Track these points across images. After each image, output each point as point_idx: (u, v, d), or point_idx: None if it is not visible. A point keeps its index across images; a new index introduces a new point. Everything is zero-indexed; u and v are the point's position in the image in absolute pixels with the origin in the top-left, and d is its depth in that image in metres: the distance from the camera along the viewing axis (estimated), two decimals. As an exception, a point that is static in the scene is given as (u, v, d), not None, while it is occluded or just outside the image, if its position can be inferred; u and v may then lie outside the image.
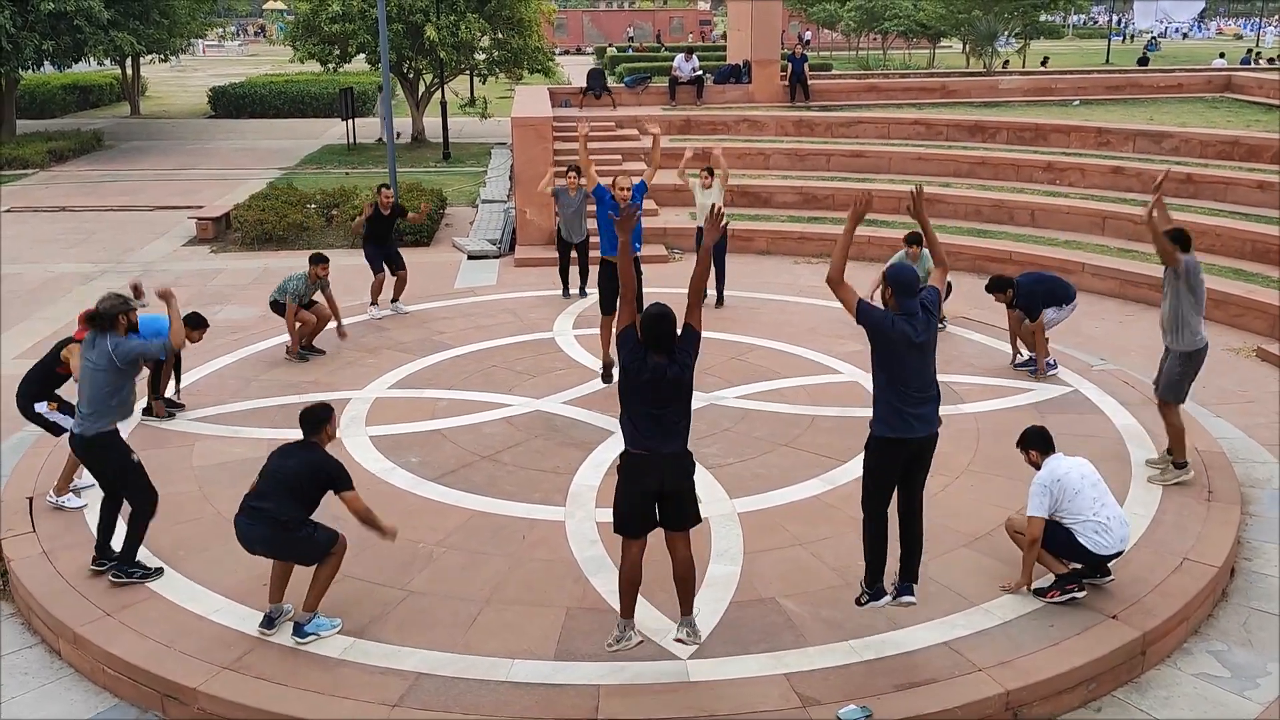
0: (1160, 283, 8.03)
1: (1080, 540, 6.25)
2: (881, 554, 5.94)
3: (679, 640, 5.66)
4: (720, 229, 5.88)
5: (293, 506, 5.94)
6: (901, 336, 5.67)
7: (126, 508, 6.73)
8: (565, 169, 12.83)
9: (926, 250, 11.06)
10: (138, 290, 8.13)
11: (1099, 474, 6.50)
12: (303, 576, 6.15)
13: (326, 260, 10.84)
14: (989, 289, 10.41)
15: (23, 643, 6.57)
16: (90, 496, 8.00)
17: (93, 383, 6.52)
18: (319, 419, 6.18)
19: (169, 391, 9.40)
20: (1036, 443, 6.55)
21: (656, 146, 10.05)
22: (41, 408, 8.14)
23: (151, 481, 6.74)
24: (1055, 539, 6.32)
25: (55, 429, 8.19)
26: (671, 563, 5.71)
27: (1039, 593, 6.39)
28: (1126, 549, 6.49)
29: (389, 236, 12.40)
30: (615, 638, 5.69)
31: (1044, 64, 40.30)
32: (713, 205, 6.02)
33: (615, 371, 9.27)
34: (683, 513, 5.63)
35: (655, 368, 5.46)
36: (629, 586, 5.68)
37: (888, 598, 5.94)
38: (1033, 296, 9.98)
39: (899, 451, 5.79)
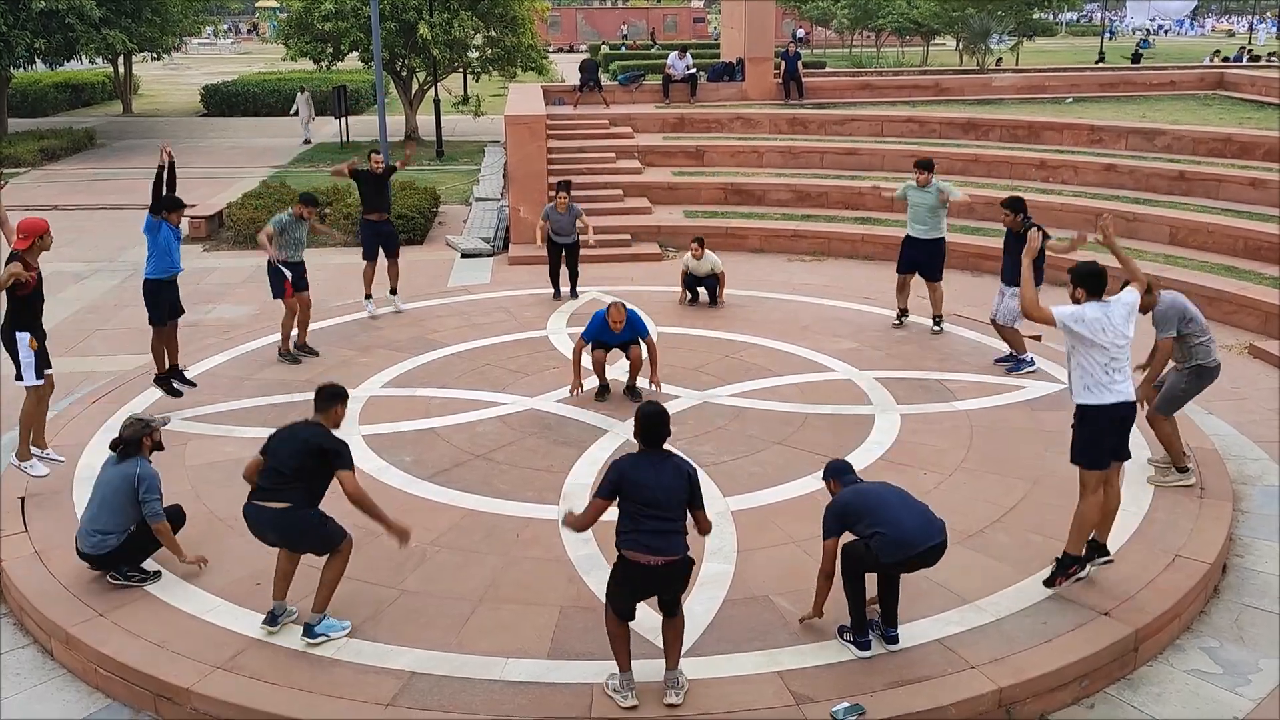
0: (1158, 279, 8.01)
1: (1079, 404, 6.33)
2: (862, 604, 5.90)
3: (671, 706, 5.48)
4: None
5: (300, 490, 5.93)
6: (862, 495, 5.98)
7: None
8: (556, 189, 12.78)
9: (936, 180, 11.12)
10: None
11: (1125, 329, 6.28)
12: (304, 579, 6.14)
13: (315, 203, 10.95)
14: (1004, 203, 10.20)
15: (15, 643, 6.55)
16: (54, 469, 8.03)
17: (107, 497, 6.51)
18: (333, 395, 6.18)
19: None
20: (1084, 281, 6.33)
21: (654, 369, 9.56)
22: (22, 339, 8.05)
23: (170, 511, 6.73)
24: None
25: (18, 370, 8.11)
26: (662, 623, 5.62)
27: (1048, 583, 6.41)
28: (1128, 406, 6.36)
29: (384, 205, 12.29)
30: (615, 687, 5.58)
31: (998, 63, 40.23)
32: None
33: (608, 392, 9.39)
34: (674, 603, 5.57)
35: (653, 474, 5.42)
36: (618, 641, 5.56)
37: (871, 649, 5.91)
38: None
39: (907, 560, 5.80)
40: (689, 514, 5.48)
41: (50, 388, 8.41)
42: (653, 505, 5.35)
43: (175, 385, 9.69)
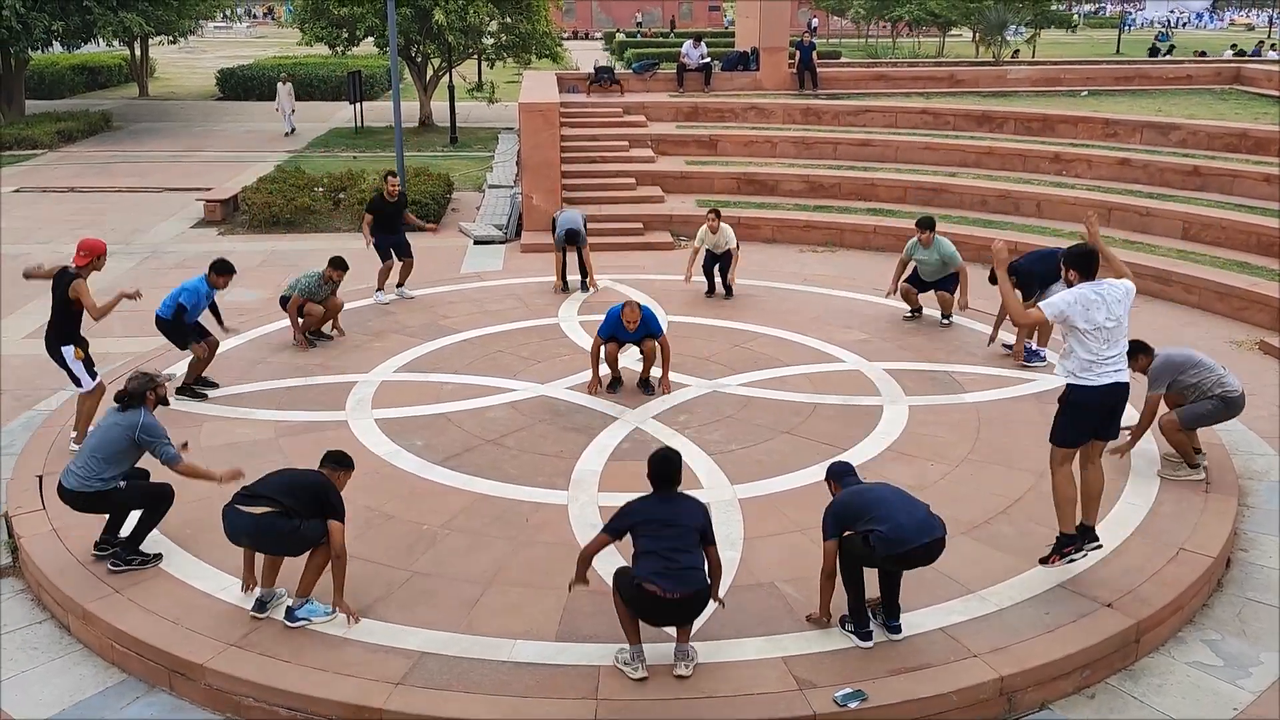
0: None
1: (1071, 384, 6.32)
2: (861, 595, 5.96)
3: (680, 676, 5.64)
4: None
5: (288, 507, 6.02)
6: (861, 494, 6.06)
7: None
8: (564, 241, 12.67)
9: (938, 237, 11.13)
10: (136, 294, 8.47)
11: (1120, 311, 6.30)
12: (294, 565, 6.23)
13: (346, 268, 10.83)
14: (992, 280, 10.28)
15: (33, 618, 6.67)
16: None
17: (104, 441, 6.58)
18: (340, 462, 6.37)
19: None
20: (1076, 262, 6.31)
21: (666, 370, 9.57)
22: (68, 352, 8.26)
23: (152, 484, 6.82)
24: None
25: (74, 379, 8.35)
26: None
27: (1043, 560, 6.51)
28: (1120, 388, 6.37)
29: (396, 226, 12.43)
30: (626, 660, 5.71)
31: (1015, 55, 40.01)
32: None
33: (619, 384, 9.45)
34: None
35: (668, 510, 5.60)
36: (627, 621, 5.69)
37: (873, 640, 5.96)
38: (1030, 276, 9.79)
39: (906, 557, 5.84)
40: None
41: (102, 389, 8.53)
42: (671, 538, 5.51)
43: (198, 390, 9.61)
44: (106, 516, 6.86)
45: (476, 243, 16.21)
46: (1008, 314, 6.53)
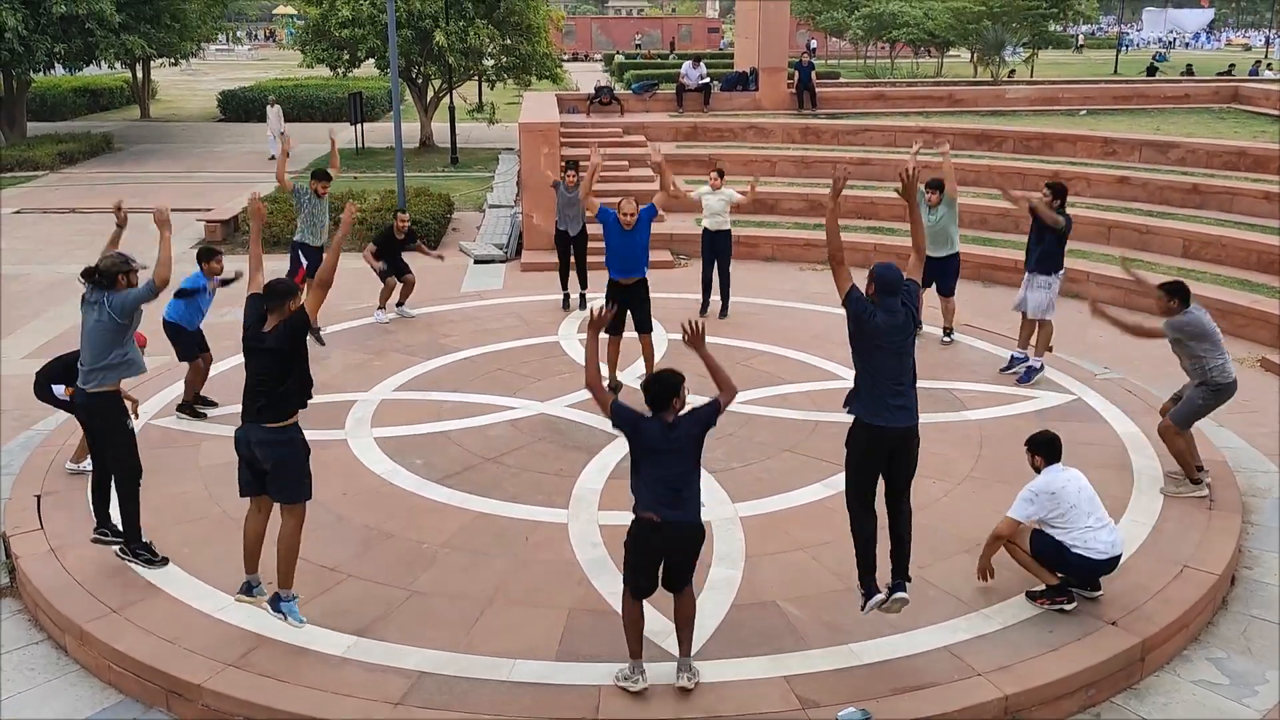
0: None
1: (1071, 553, 6.29)
2: (870, 551, 5.96)
3: (682, 688, 5.61)
4: (701, 337, 5.93)
5: (279, 393, 5.99)
6: (879, 329, 5.77)
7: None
8: (564, 165, 12.91)
9: (946, 195, 11.17)
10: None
11: (1092, 489, 6.52)
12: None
13: (328, 179, 11.36)
14: (1049, 185, 10.18)
15: (29, 639, 6.62)
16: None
17: (93, 339, 6.61)
18: (285, 291, 6.08)
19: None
20: (1043, 449, 6.55)
21: (665, 170, 9.79)
22: (59, 391, 8.27)
23: (138, 456, 6.79)
24: (1045, 550, 6.38)
25: (70, 407, 8.34)
26: (674, 603, 5.73)
27: (1031, 596, 6.44)
28: (1121, 559, 6.48)
29: (401, 260, 12.45)
30: (626, 675, 5.68)
31: (1011, 74, 40.23)
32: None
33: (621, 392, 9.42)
34: (684, 576, 5.65)
35: (661, 426, 5.51)
36: (632, 629, 5.68)
37: (880, 596, 5.96)
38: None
39: (879, 441, 5.82)
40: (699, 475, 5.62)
41: None
42: (671, 466, 5.46)
43: (198, 409, 9.59)
44: (91, 503, 6.90)
45: (477, 262, 16.22)
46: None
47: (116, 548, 6.69)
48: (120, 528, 6.85)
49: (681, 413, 5.57)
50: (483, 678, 5.75)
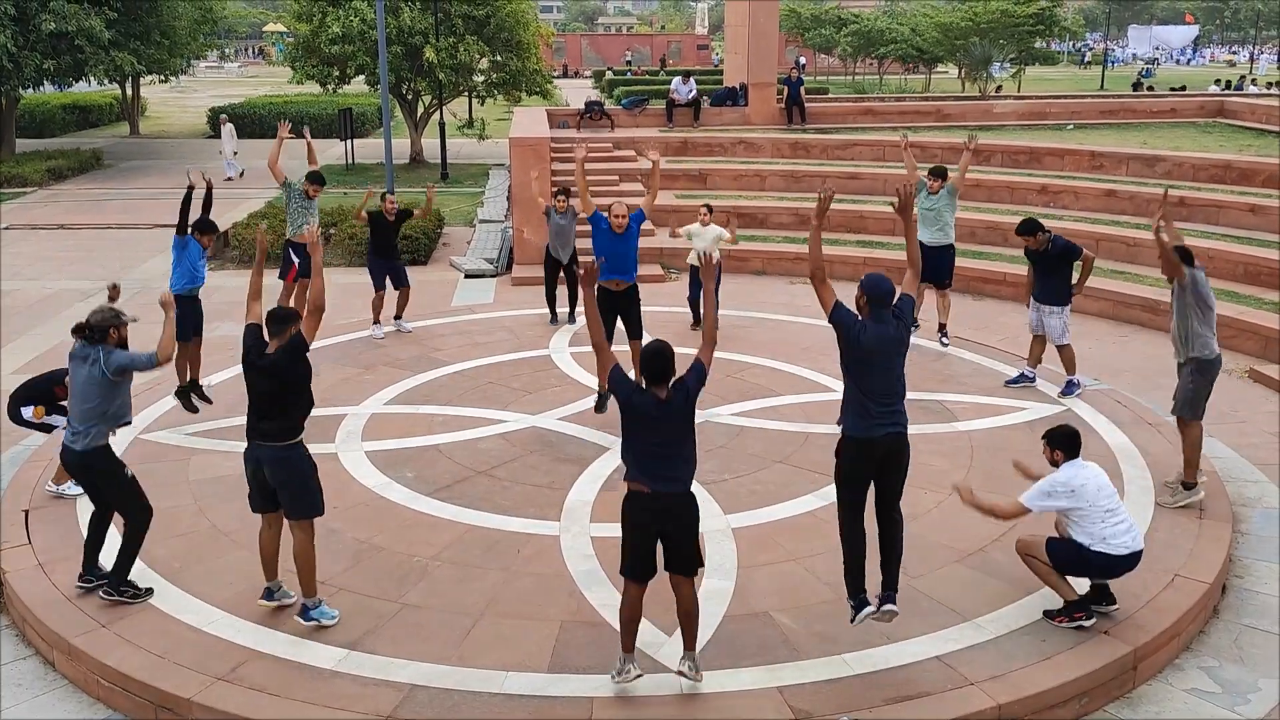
0: (1158, 303, 8.11)
1: (1092, 552, 6.18)
2: (860, 562, 5.95)
3: (681, 673, 5.61)
4: (715, 269, 5.97)
5: (288, 416, 6.07)
6: (869, 344, 5.74)
7: (119, 519, 6.74)
8: (555, 190, 12.93)
9: (950, 183, 11.22)
10: (114, 292, 8.07)
11: (1111, 485, 6.40)
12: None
13: (321, 182, 11.36)
14: (1020, 230, 9.96)
15: (17, 654, 6.57)
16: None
17: (84, 395, 6.52)
18: (285, 318, 6.24)
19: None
20: (1063, 443, 6.38)
21: (656, 172, 9.92)
22: (28, 413, 8.25)
23: (146, 498, 6.72)
24: (1064, 555, 6.28)
25: (46, 428, 8.37)
26: (675, 599, 5.70)
27: (1049, 615, 6.38)
28: (1141, 555, 6.38)
29: (394, 249, 12.42)
30: (617, 670, 5.68)
31: (998, 89, 40.52)
32: (708, 254, 6.03)
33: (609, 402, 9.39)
34: (682, 555, 5.60)
35: (655, 402, 5.47)
36: (628, 623, 5.67)
37: (870, 608, 5.95)
38: (1069, 248, 9.88)
39: (868, 454, 5.81)
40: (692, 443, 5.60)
41: None
42: (662, 438, 5.45)
43: (194, 400, 9.69)
44: (84, 550, 6.78)
45: (467, 276, 16.23)
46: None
47: (100, 591, 6.59)
48: (104, 569, 6.71)
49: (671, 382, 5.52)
50: (475, 690, 5.73)
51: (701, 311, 5.73)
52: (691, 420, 5.58)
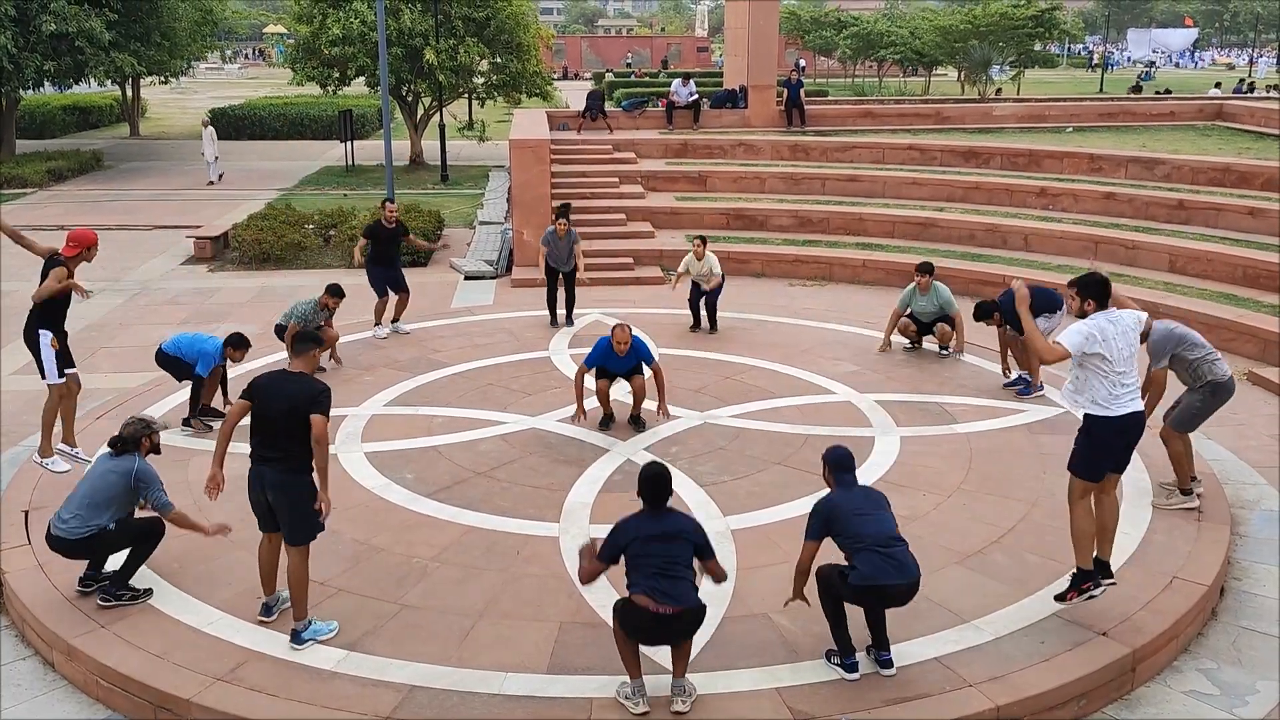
0: (1157, 305, 8.08)
1: (1097, 419, 6.15)
2: (842, 625, 5.91)
3: (677, 713, 5.55)
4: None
5: (293, 447, 6.04)
6: (850, 514, 5.86)
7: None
8: (555, 214, 12.87)
9: (936, 284, 11.22)
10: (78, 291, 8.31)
11: (1132, 346, 6.24)
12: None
13: (342, 295, 10.80)
14: (976, 317, 10.65)
15: (17, 655, 6.58)
16: (63, 478, 8.09)
17: (96, 487, 6.54)
18: (308, 339, 6.34)
19: (216, 401, 9.65)
20: (1093, 290, 6.22)
21: (660, 383, 9.43)
22: (45, 338, 8.28)
23: (147, 523, 6.71)
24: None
25: (41, 369, 8.40)
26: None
27: (1059, 598, 6.42)
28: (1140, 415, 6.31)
29: (393, 257, 12.43)
30: (624, 694, 5.65)
31: (998, 92, 40.55)
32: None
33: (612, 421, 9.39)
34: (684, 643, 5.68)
35: (659, 525, 5.53)
36: (627, 654, 5.63)
37: (859, 670, 5.89)
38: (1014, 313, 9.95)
39: (877, 596, 5.80)
40: (698, 565, 5.60)
41: (75, 387, 8.56)
42: (663, 553, 5.44)
43: (206, 420, 9.56)
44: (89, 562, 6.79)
45: (467, 278, 16.23)
46: (1032, 351, 6.42)
47: (99, 596, 6.60)
48: (107, 572, 6.72)
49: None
50: (474, 691, 5.73)
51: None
52: (695, 543, 5.61)
